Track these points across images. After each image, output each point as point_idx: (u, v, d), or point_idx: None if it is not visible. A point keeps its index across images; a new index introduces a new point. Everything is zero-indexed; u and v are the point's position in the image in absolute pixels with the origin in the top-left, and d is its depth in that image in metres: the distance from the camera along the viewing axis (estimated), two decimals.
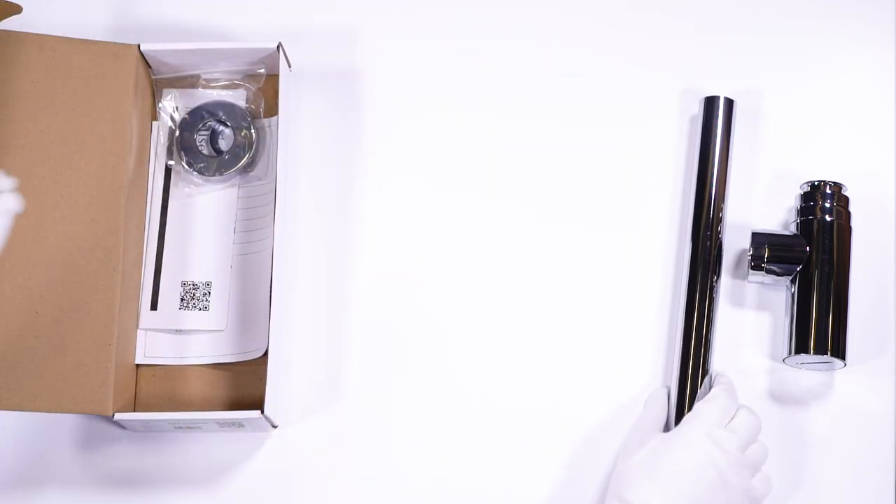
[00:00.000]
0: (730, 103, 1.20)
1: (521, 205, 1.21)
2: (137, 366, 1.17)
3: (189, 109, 1.22)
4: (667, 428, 1.12)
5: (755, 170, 1.22)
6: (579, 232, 1.21)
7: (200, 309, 1.19)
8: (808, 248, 1.15)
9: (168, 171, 1.22)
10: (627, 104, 1.23)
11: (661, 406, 1.13)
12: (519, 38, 1.26)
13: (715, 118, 1.20)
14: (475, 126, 1.23)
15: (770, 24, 1.25)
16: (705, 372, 1.13)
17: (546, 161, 1.22)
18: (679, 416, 1.12)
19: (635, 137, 1.23)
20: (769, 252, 1.15)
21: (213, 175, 1.20)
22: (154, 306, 1.19)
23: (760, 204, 1.21)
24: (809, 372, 1.17)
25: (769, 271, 1.16)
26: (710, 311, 1.15)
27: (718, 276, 1.16)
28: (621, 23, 1.26)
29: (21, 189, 1.14)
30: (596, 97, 1.24)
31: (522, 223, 1.21)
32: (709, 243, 1.17)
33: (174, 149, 1.20)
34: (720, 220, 1.17)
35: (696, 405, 1.10)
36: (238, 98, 1.22)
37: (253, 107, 1.20)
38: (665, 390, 1.14)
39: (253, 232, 1.21)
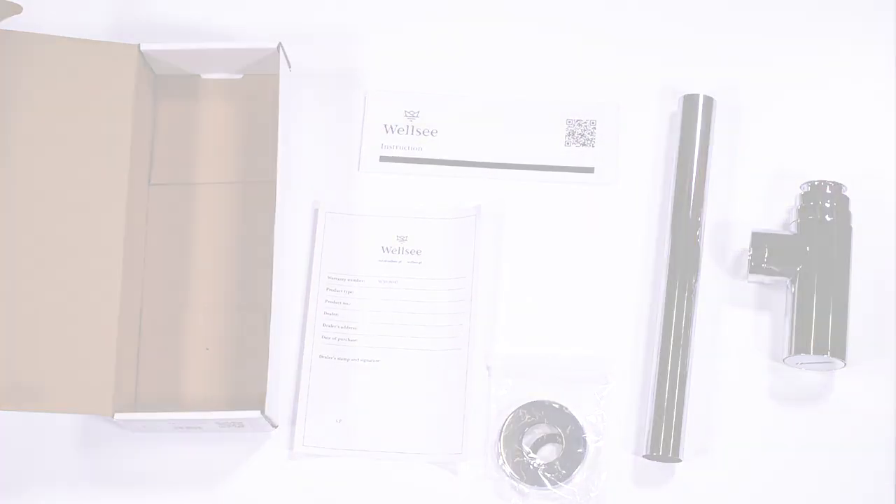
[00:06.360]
0: (709, 101, 1.20)
1: (509, 200, 1.22)
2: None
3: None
4: None
5: (755, 170, 1.22)
6: (559, 227, 1.21)
7: None
8: (808, 248, 1.15)
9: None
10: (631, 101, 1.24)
11: None
12: (510, 35, 1.26)
13: (694, 116, 1.20)
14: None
15: (770, 24, 1.25)
16: (685, 371, 1.13)
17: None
18: (658, 422, 1.12)
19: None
20: (769, 252, 1.15)
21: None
22: None
23: (760, 204, 1.21)
24: (809, 372, 1.17)
25: (769, 271, 1.16)
26: (690, 309, 1.15)
27: (698, 274, 1.17)
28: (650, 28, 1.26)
29: (22, 189, 1.14)
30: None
31: (509, 221, 1.21)
32: (689, 240, 1.17)
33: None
34: (700, 217, 1.18)
35: None
36: None
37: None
38: None
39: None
